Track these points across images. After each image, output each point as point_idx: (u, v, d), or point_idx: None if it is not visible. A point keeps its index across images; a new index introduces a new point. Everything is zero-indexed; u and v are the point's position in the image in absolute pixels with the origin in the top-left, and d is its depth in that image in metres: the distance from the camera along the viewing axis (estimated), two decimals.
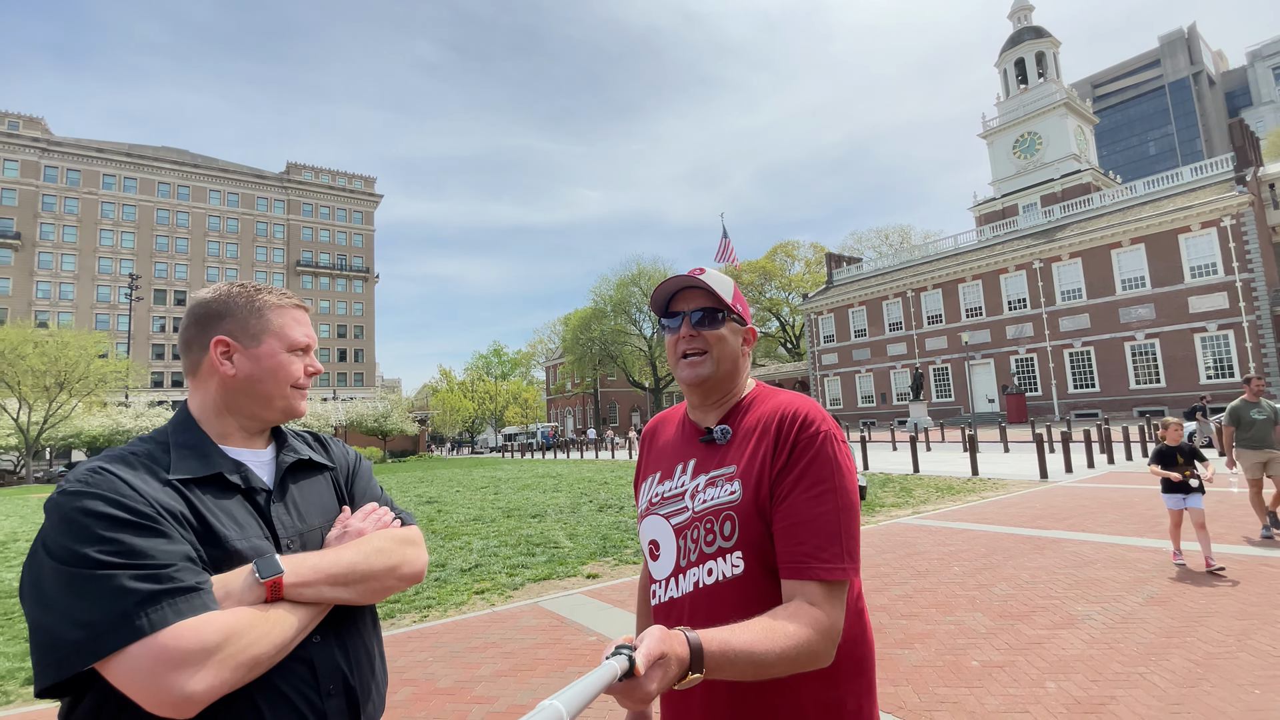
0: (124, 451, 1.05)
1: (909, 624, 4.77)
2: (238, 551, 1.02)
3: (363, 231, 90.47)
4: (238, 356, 1.14)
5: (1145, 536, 7.36)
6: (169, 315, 75.07)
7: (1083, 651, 4.04)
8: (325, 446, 1.32)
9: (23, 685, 4.38)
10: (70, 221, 71.73)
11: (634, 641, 0.81)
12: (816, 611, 1.00)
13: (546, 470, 24.29)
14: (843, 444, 1.14)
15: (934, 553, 7.16)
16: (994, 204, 57.90)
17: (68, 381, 38.18)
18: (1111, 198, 40.86)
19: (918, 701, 3.47)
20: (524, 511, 12.23)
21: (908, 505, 10.94)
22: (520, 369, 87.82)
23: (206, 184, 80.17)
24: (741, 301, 1.28)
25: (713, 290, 1.22)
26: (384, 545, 1.15)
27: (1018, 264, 41.83)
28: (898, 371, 48.34)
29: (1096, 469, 14.84)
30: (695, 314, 1.23)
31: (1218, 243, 33.50)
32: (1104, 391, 37.35)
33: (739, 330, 1.27)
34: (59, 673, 0.85)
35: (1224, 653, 3.89)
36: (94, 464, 0.99)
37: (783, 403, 1.20)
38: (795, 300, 67.84)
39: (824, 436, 1.12)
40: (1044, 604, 5.07)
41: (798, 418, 1.15)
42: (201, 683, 0.86)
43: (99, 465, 0.99)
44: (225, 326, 1.14)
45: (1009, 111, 57.94)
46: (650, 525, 1.28)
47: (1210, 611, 4.66)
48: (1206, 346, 33.75)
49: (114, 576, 0.87)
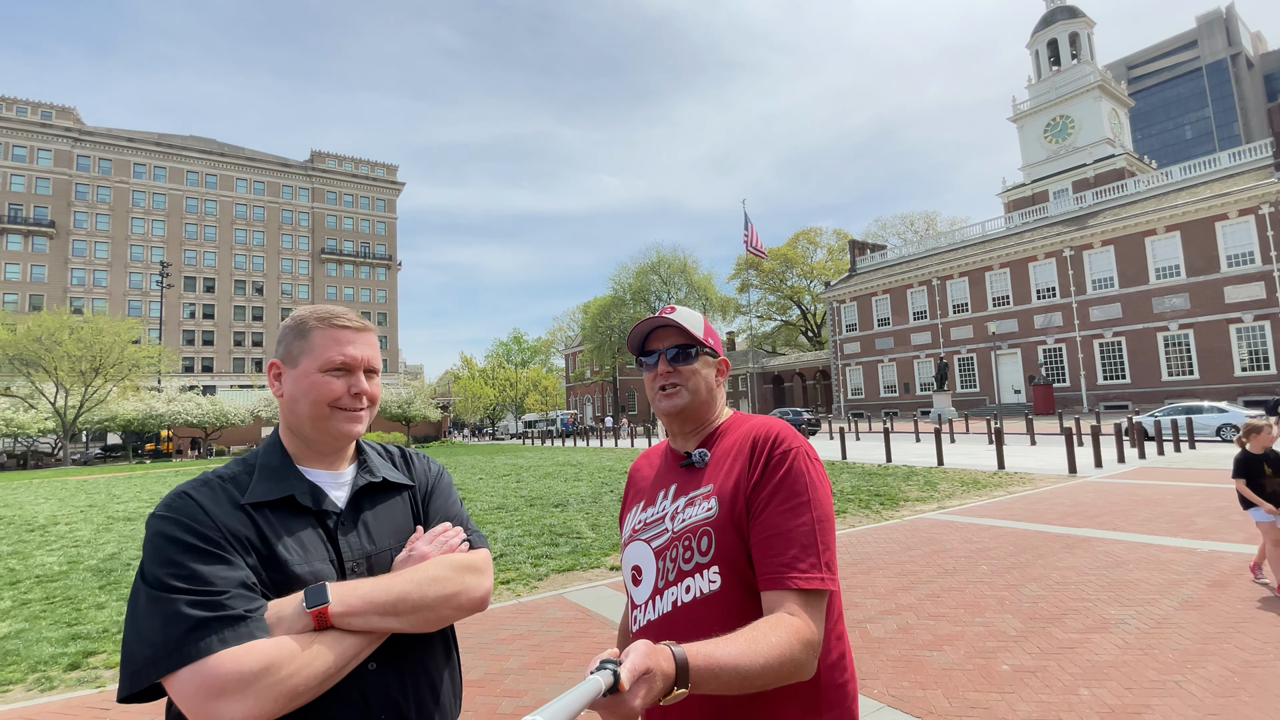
0: (213, 474, 1.11)
1: (937, 625, 4.73)
2: (298, 576, 1.05)
3: (385, 219, 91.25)
4: (285, 378, 1.17)
5: (1179, 537, 7.20)
6: (198, 302, 76.65)
7: (1116, 657, 3.97)
8: (409, 463, 1.32)
9: (65, 670, 4.53)
10: (103, 210, 73.37)
11: (619, 656, 0.81)
12: (797, 621, 1.01)
13: (567, 458, 24.45)
14: (815, 461, 1.19)
15: (961, 550, 7.08)
16: (1024, 190, 56.55)
17: (102, 366, 39.31)
18: (1146, 184, 39.70)
19: (948, 706, 3.44)
20: (546, 500, 12.33)
21: (932, 500, 10.82)
22: (540, 356, 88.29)
23: (233, 172, 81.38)
24: (713, 335, 1.35)
25: (684, 328, 1.30)
26: (440, 574, 1.12)
27: (1047, 252, 40.89)
28: (921, 361, 47.70)
29: (1127, 464, 14.53)
30: (670, 351, 1.30)
31: (1255, 231, 32.42)
32: (1135, 383, 36.50)
33: (711, 363, 1.33)
34: (132, 685, 0.92)
35: (1262, 661, 3.79)
36: (181, 488, 1.06)
37: (756, 425, 1.25)
38: (817, 288, 67.16)
39: (796, 453, 1.16)
40: (1076, 606, 4.99)
41: (769, 436, 1.20)
42: (238, 712, 0.89)
43: (184, 489, 1.05)
44: (279, 351, 1.19)
45: (1040, 94, 56.35)
46: (632, 552, 1.31)
47: (1248, 618, 4.55)
48: (1242, 337, 32.77)
49: (175, 600, 0.93)
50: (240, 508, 1.06)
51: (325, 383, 1.14)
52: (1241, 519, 7.95)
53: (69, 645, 4.99)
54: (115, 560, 8.22)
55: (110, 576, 7.32)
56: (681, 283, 61.13)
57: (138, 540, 9.65)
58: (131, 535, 10.17)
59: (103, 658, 4.75)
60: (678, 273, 61.20)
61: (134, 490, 18.50)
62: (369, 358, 1.19)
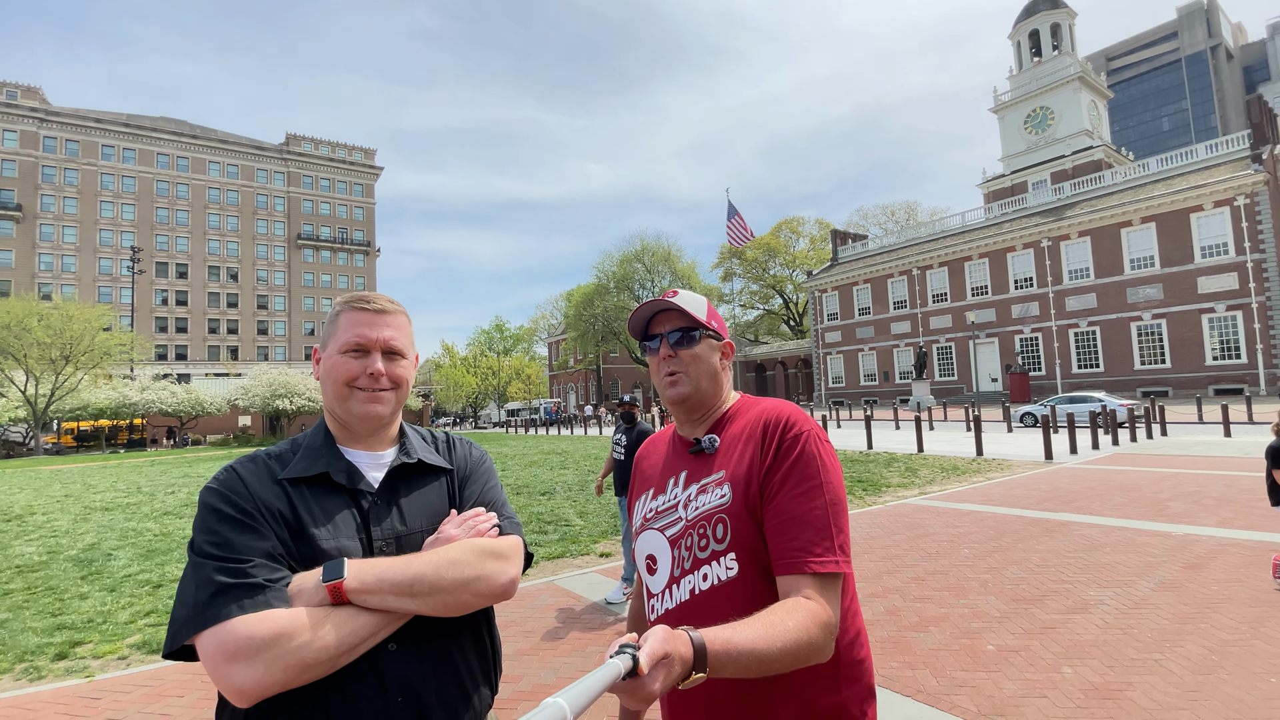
0: (262, 452, 1.16)
1: (923, 607, 4.84)
2: (325, 551, 1.06)
3: (364, 204, 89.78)
4: (321, 363, 1.21)
5: (1153, 520, 7.41)
6: (171, 288, 74.96)
7: (1097, 637, 4.10)
8: (450, 448, 1.33)
9: (53, 660, 4.47)
10: (70, 193, 71.24)
11: (638, 641, 0.81)
12: (814, 605, 1.02)
13: (552, 447, 24.44)
14: (826, 444, 1.18)
15: (943, 534, 7.22)
16: (1003, 181, 57.21)
17: (73, 354, 38.34)
18: (1123, 175, 40.36)
19: (936, 685, 3.53)
20: (533, 489, 12.34)
21: (914, 485, 11.01)
22: (523, 344, 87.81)
23: (206, 155, 79.35)
24: (716, 317, 1.34)
25: (686, 311, 1.28)
26: (461, 557, 1.09)
27: (1025, 242, 41.48)
28: (901, 350, 48.28)
29: (1101, 450, 14.90)
30: (673, 335, 1.28)
31: (1230, 222, 33.13)
32: (1108, 372, 37.31)
33: (715, 346, 1.31)
34: (171, 644, 0.97)
35: (1238, 640, 3.94)
36: (231, 463, 1.12)
37: (766, 409, 1.24)
38: (799, 277, 67.49)
39: (807, 436, 1.16)
40: (1056, 588, 5.13)
41: (780, 420, 1.19)
42: (249, 677, 0.91)
43: (232, 464, 1.12)
44: (321, 337, 1.24)
45: (1021, 85, 56.88)
46: (645, 540, 1.30)
47: (1223, 598, 4.71)
48: (1214, 328, 33.59)
49: (207, 565, 0.98)
50: (278, 482, 1.10)
51: (343, 363, 1.17)
52: (1215, 503, 8.21)
53: (55, 635, 4.92)
54: (95, 550, 8.09)
55: (91, 567, 7.20)
56: (665, 271, 61.09)
57: (116, 531, 9.50)
58: (110, 525, 10.00)
59: (89, 647, 4.69)
60: (661, 261, 61.13)
61: (109, 480, 18.16)
62: (388, 339, 1.19)
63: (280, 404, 42.79)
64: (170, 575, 6.73)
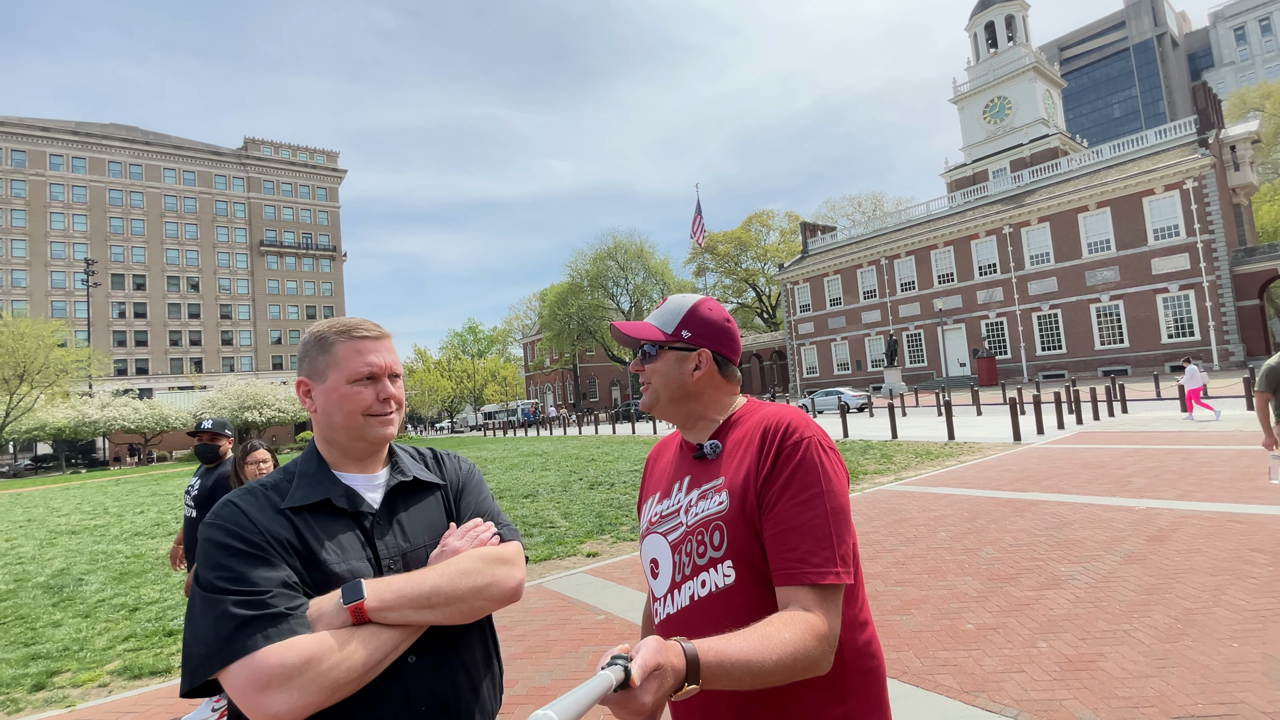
0: (257, 483, 1.18)
1: (903, 590, 4.98)
2: (336, 575, 1.10)
3: (328, 209, 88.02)
4: (315, 394, 1.22)
5: (1118, 496, 7.70)
6: (129, 300, 72.63)
7: (1069, 611, 4.27)
8: (440, 464, 1.36)
9: (30, 692, 4.35)
10: (18, 205, 68.46)
11: (630, 651, 0.81)
12: (811, 617, 1.00)
13: (531, 449, 24.34)
14: (830, 451, 1.16)
15: (920, 519, 7.41)
16: (965, 170, 58.41)
17: (27, 373, 36.96)
18: (1078, 162, 41.57)
19: (920, 666, 3.65)
20: (515, 492, 12.30)
21: (889, 472, 11.25)
22: (497, 346, 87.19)
23: (160, 162, 76.95)
24: (694, 323, 1.30)
25: (633, 336, 1.31)
26: (471, 566, 1.15)
27: (988, 229, 42.49)
28: (872, 339, 49.12)
29: (1066, 429, 15.38)
30: (640, 349, 1.33)
31: (1180, 205, 34.38)
32: (1070, 353, 38.48)
33: (686, 356, 1.29)
34: (192, 681, 0.99)
35: (1201, 608, 4.14)
36: (227, 497, 1.14)
37: (767, 414, 1.23)
38: (771, 270, 68.15)
39: (808, 443, 1.14)
40: (1029, 566, 5.32)
41: (780, 426, 1.17)
42: (284, 704, 0.94)
43: (230, 499, 1.13)
44: (304, 368, 1.24)
45: (979, 76, 58.10)
46: (649, 545, 1.31)
47: (1185, 568, 4.94)
48: (1168, 307, 34.86)
49: (223, 601, 0.99)
50: (280, 512, 1.12)
51: (356, 393, 1.19)
52: (1175, 477, 8.56)
53: (29, 665, 4.78)
54: (66, 576, 7.86)
55: (63, 593, 7.00)
56: (639, 268, 61.14)
57: (86, 555, 9.23)
58: (78, 549, 9.71)
59: (68, 676, 4.57)
60: (634, 258, 61.15)
61: (73, 502, 17.59)
62: (390, 363, 1.24)
63: (249, 415, 41.87)
64: (147, 598, 6.58)
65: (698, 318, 1.31)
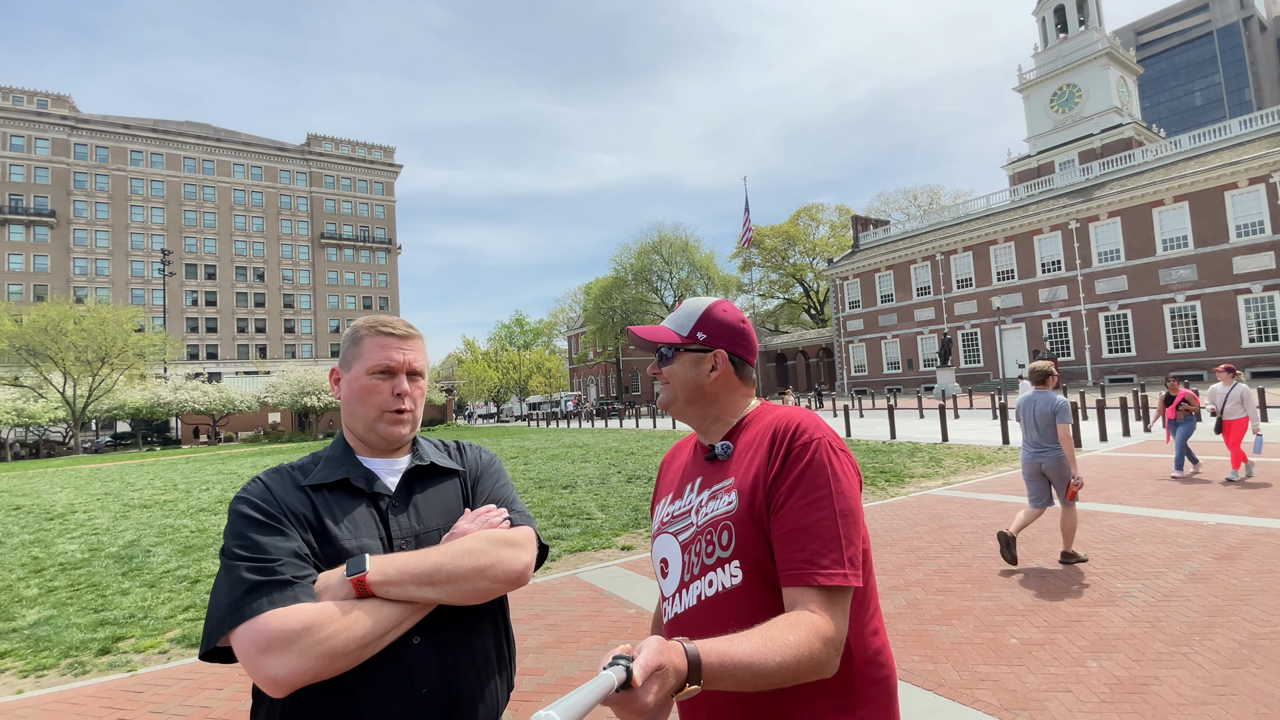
0: (286, 465, 1.25)
1: (945, 599, 4.81)
2: (347, 550, 1.14)
3: (384, 202, 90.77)
4: (342, 382, 1.29)
5: (1185, 510, 7.26)
6: (200, 289, 76.72)
7: (1124, 630, 4.05)
8: (461, 453, 1.41)
9: (96, 655, 4.65)
10: (102, 198, 73.13)
11: (632, 652, 0.81)
12: (817, 619, 0.99)
13: (573, 440, 24.61)
14: (841, 452, 1.15)
15: (967, 525, 7.16)
16: (1029, 161, 55.90)
17: (108, 356, 39.52)
18: (1154, 153, 39.23)
19: (958, 679, 3.53)
20: (555, 482, 12.46)
21: (938, 475, 10.90)
22: (543, 338, 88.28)
23: (230, 158, 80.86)
24: (712, 324, 1.31)
25: (649, 339, 1.33)
26: (475, 546, 1.17)
27: (1053, 224, 40.57)
28: (925, 337, 47.61)
29: (1132, 437, 14.58)
30: (658, 352, 1.35)
31: (1266, 200, 32.08)
32: (1140, 356, 36.44)
33: (702, 358, 1.30)
34: (208, 643, 1.05)
35: (1270, 633, 3.86)
36: (258, 475, 1.22)
37: (778, 416, 1.23)
38: (819, 265, 66.83)
39: (818, 444, 1.13)
40: (1082, 580, 5.07)
41: (790, 428, 1.17)
42: (283, 667, 0.98)
43: (259, 476, 1.21)
44: (340, 359, 1.32)
45: (1047, 62, 55.42)
46: (660, 544, 1.32)
47: (1255, 590, 4.62)
48: (1250, 308, 32.60)
49: (238, 567, 1.05)
50: (301, 489, 1.19)
51: (373, 385, 1.25)
52: (1249, 492, 8.01)
53: (98, 630, 5.12)
54: (135, 547, 8.37)
55: (132, 564, 7.46)
56: (683, 262, 60.87)
57: (155, 528, 9.81)
58: (149, 523, 10.33)
59: (131, 642, 4.88)
60: (679, 252, 60.90)
61: (146, 478, 18.72)
62: (410, 361, 1.28)
63: (308, 401, 43.71)
64: (208, 571, 6.95)
65: (713, 319, 1.32)
